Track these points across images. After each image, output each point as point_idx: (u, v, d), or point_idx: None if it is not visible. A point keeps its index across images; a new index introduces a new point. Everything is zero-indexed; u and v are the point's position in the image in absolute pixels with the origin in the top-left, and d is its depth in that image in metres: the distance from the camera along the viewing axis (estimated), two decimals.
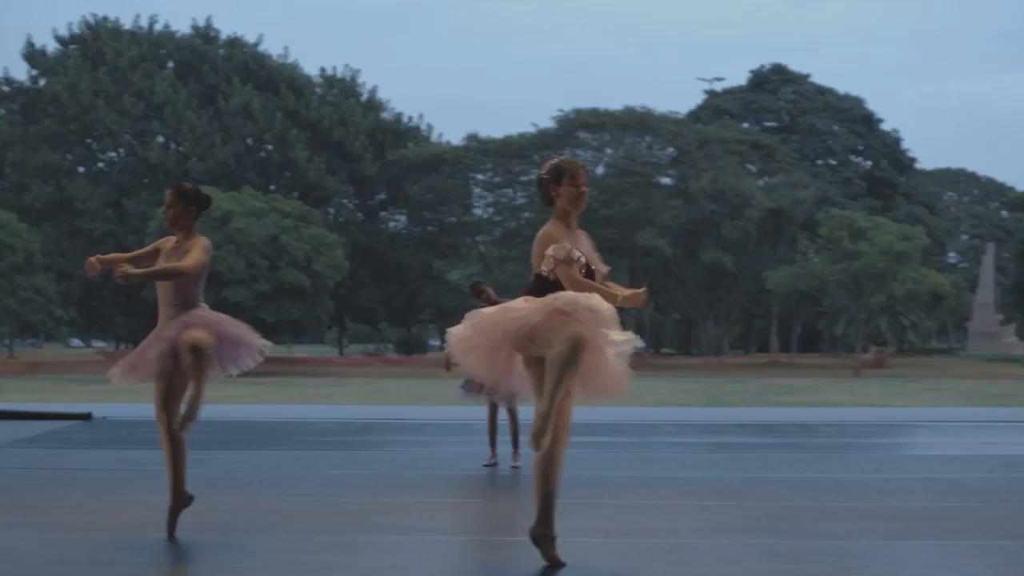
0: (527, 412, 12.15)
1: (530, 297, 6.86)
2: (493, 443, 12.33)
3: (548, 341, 6.61)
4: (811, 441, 15.23)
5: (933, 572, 7.04)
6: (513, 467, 12.01)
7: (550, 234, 6.91)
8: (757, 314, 78.19)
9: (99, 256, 8.00)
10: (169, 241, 8.14)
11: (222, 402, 27.25)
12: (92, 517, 8.93)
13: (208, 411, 18.25)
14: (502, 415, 12.44)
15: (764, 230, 68.32)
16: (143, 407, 16.17)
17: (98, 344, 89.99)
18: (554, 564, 6.94)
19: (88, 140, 70.02)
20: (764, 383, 43.47)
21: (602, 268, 7.12)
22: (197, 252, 7.96)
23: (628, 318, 70.97)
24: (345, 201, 74.76)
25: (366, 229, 73.96)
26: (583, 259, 6.91)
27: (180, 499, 8.07)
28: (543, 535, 6.96)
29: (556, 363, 6.54)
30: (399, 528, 8.43)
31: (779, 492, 10.31)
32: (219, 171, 67.97)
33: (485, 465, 12.15)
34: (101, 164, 71.79)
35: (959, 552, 7.63)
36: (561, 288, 6.78)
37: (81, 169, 70.80)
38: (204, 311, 8.09)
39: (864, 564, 7.21)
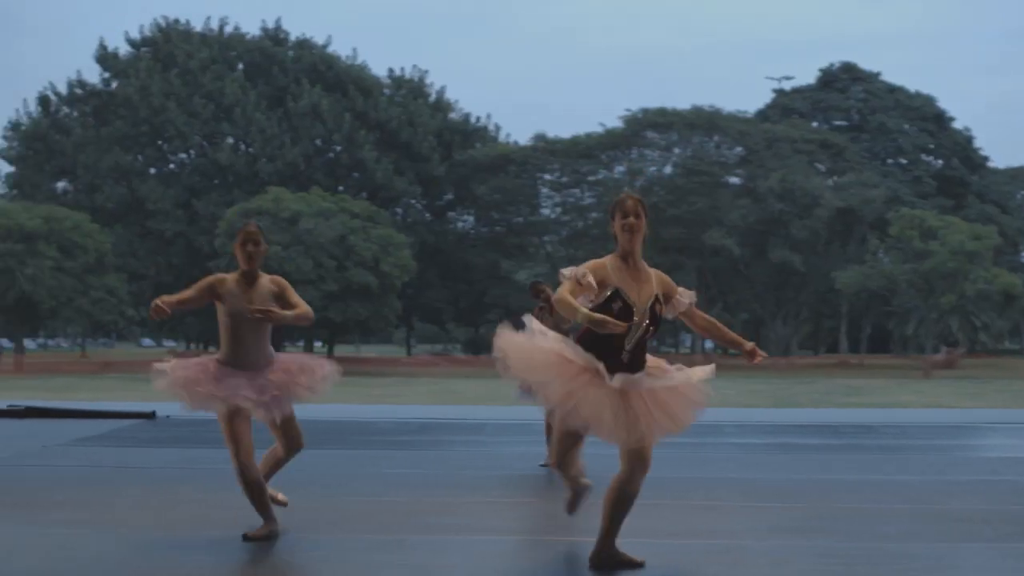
0: None
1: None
2: (550, 443, 12.30)
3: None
4: (873, 443, 15.07)
5: (986, 575, 6.95)
6: None
7: (587, 263, 7.00)
8: (827, 314, 77.59)
9: (163, 300, 7.62)
10: (225, 281, 7.86)
11: None
12: (147, 515, 9.01)
13: None
14: None
15: (833, 229, 67.78)
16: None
17: (169, 344, 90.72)
18: (635, 565, 7.07)
19: (159, 141, 70.70)
20: (832, 384, 43.04)
21: (667, 310, 7.08)
22: (296, 295, 7.99)
23: None
24: (413, 201, 74.97)
25: (434, 229, 74.15)
26: (593, 286, 6.84)
27: (272, 529, 7.94)
28: (609, 555, 7.05)
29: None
30: (451, 527, 8.44)
31: (837, 494, 10.22)
32: (288, 172, 68.43)
33: (541, 465, 12.12)
34: (172, 165, 72.46)
35: (1015, 555, 7.54)
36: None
37: (152, 170, 71.47)
38: (283, 360, 8.04)
39: (918, 566, 7.13)
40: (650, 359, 7.12)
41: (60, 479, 10.99)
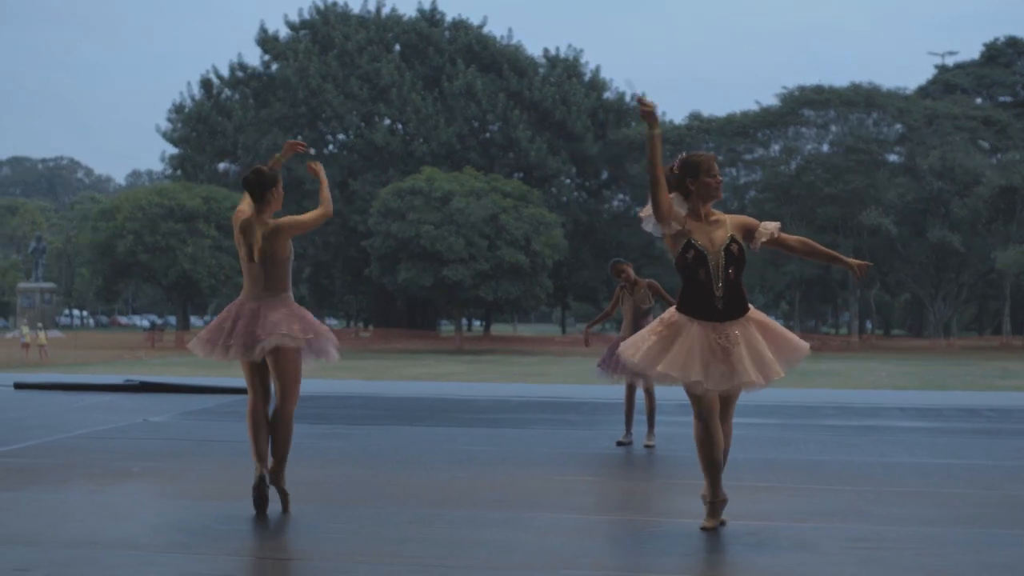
0: (665, 392, 12.14)
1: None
2: (628, 422, 12.34)
3: None
4: (970, 426, 14.72)
5: (1014, 560, 6.80)
6: (646, 446, 11.97)
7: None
8: (990, 295, 75.76)
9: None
10: (246, 213, 8.21)
11: (419, 379, 27.79)
12: (211, 487, 9.28)
13: (377, 388, 18.57)
14: (640, 395, 12.51)
15: (995, 208, 66.08)
16: (311, 383, 16.62)
17: (330, 322, 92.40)
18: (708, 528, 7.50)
19: (317, 123, 71.88)
20: (989, 366, 42.11)
21: (753, 244, 7.47)
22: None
23: (852, 299, 69.61)
24: (567, 181, 75.09)
25: (588, 208, 74.19)
26: (679, 213, 7.41)
27: (262, 472, 8.15)
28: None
29: None
30: (501, 504, 8.48)
31: (903, 478, 10.05)
32: (442, 152, 69.07)
33: (619, 443, 12.15)
34: (331, 147, 73.61)
35: None
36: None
37: (312, 151, 72.60)
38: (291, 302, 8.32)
39: (945, 551, 7.01)
40: (755, 313, 7.45)
41: (145, 451, 11.35)
